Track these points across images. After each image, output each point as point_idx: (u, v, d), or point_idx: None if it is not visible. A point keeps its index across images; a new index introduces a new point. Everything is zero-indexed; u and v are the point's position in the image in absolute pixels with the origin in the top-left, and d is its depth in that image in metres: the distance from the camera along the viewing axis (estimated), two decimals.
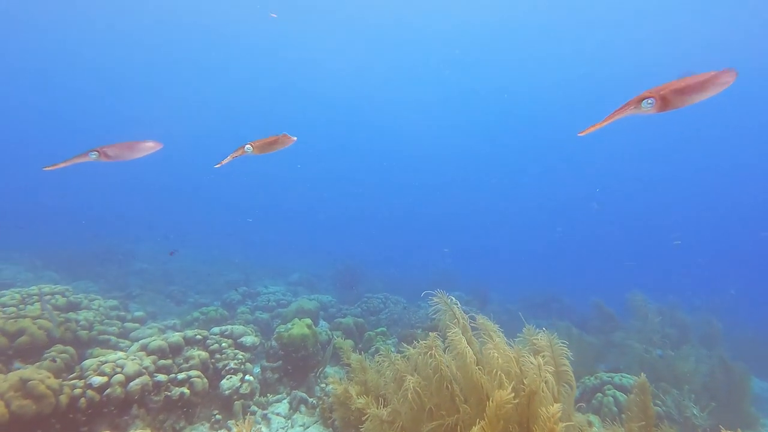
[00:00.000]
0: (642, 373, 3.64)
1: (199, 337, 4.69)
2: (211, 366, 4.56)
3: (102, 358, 3.65)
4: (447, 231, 44.09)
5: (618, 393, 5.95)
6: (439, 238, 39.23)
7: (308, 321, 5.55)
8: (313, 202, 47.61)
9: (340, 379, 5.28)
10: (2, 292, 4.66)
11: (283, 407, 4.89)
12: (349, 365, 4.26)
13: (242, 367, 4.65)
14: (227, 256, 18.66)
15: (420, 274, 17.98)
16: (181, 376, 4.04)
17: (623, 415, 5.75)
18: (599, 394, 6.08)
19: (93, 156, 2.17)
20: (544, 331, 3.42)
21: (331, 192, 49.86)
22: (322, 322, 8.32)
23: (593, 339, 9.03)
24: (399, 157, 46.73)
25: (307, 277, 15.15)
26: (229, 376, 4.49)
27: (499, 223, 46.66)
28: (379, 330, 7.26)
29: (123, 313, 5.65)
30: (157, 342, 4.28)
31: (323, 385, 5.04)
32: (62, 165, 2.07)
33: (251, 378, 4.56)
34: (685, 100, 1.59)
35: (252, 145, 2.50)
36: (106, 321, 5.09)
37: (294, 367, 5.37)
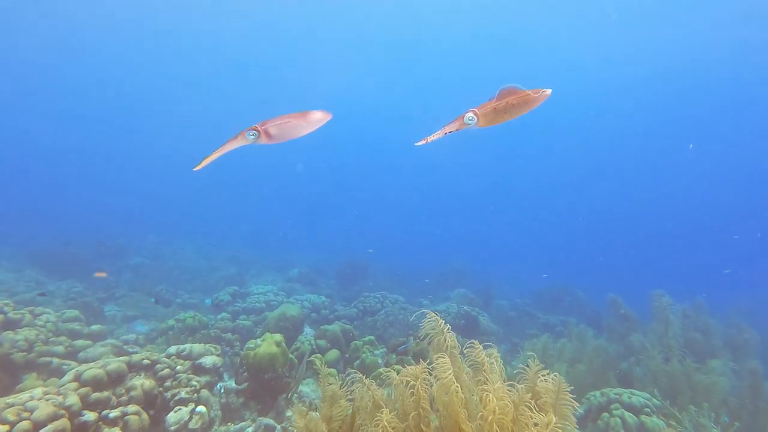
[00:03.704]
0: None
1: (146, 361, 4.13)
2: (159, 396, 4.00)
3: (10, 399, 3.11)
4: (458, 223, 43.18)
5: (626, 413, 5.26)
6: (451, 231, 38.51)
7: (278, 338, 4.95)
8: (323, 197, 47.25)
9: (309, 405, 4.67)
10: None
11: None
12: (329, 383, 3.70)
13: (195, 396, 4.08)
14: (232, 250, 18.37)
15: (427, 269, 17.30)
16: (114, 413, 3.48)
17: None
18: (606, 414, 5.40)
19: (251, 137, 1.76)
20: (551, 377, 2.75)
21: (341, 187, 49.51)
22: (307, 329, 7.76)
23: (609, 344, 8.27)
24: (407, 153, 45.81)
25: (307, 273, 14.65)
26: (177, 407, 3.93)
27: (514, 216, 45.58)
28: (366, 339, 6.65)
29: (79, 327, 5.16)
30: (92, 371, 3.72)
31: (289, 414, 4.46)
32: (214, 157, 1.74)
33: (203, 409, 3.99)
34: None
35: (476, 113, 1.73)
36: (52, 339, 4.59)
37: (262, 389, 4.80)
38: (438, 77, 35.23)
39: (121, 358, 4.07)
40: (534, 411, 2.25)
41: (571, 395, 2.47)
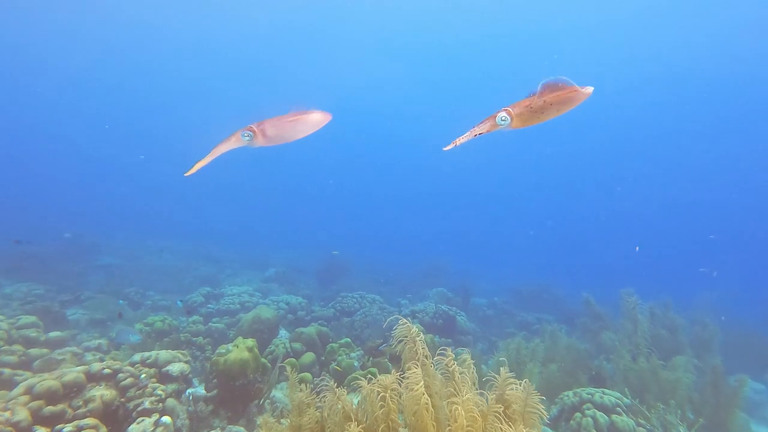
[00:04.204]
0: None
1: (107, 371, 3.93)
2: (120, 408, 3.82)
3: None
4: (441, 221, 43.47)
5: (598, 413, 5.34)
6: (433, 228, 38.71)
7: (250, 343, 4.82)
8: (306, 194, 46.71)
9: (281, 412, 4.56)
10: None
11: None
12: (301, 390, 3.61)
13: (160, 405, 3.92)
14: (208, 249, 17.94)
15: (408, 266, 17.35)
16: (68, 428, 3.29)
17: None
18: (578, 414, 5.47)
19: (246, 138, 1.65)
20: (520, 385, 2.74)
21: (324, 184, 49.09)
22: (283, 332, 7.62)
23: (580, 343, 8.48)
24: (392, 151, 45.72)
25: (285, 272, 14.41)
26: (140, 419, 3.76)
27: (498, 214, 46.19)
28: (343, 341, 6.57)
29: (35, 334, 4.88)
30: (47, 383, 3.51)
31: (260, 422, 4.34)
32: (206, 161, 1.64)
33: (168, 420, 3.83)
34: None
35: (510, 113, 1.52)
36: (3, 348, 4.31)
37: (232, 396, 4.66)
38: (429, 75, 35.22)
39: (79, 367, 3.87)
40: (503, 421, 2.24)
41: (544, 395, 2.47)
